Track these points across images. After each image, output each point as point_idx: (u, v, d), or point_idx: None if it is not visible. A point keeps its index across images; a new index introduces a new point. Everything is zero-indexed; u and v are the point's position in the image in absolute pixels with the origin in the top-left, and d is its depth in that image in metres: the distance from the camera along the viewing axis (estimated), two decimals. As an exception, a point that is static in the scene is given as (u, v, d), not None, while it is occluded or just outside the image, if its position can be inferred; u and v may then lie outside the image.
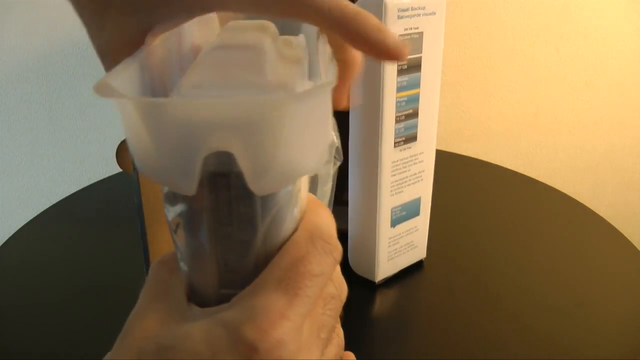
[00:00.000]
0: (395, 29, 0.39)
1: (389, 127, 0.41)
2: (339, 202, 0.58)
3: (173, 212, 0.22)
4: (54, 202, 0.61)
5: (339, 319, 0.22)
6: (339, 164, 0.34)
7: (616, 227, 0.55)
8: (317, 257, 0.21)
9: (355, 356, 0.25)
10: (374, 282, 0.46)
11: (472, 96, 0.83)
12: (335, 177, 0.33)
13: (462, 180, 0.67)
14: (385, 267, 0.46)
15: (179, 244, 0.22)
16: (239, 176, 0.19)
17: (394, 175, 0.43)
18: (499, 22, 0.79)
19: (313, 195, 0.23)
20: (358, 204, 0.45)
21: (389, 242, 0.45)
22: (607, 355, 0.39)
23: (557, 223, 0.57)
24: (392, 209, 0.44)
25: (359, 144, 0.43)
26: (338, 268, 0.22)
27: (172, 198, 0.21)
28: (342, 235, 0.48)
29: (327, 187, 0.32)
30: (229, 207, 0.20)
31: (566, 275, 0.47)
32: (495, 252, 0.51)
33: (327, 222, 0.22)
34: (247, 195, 0.20)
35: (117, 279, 0.47)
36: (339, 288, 0.22)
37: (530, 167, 0.87)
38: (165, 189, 0.22)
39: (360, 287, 0.46)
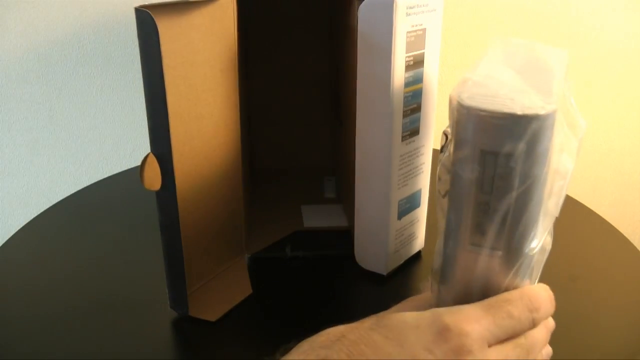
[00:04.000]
0: (403, 25, 0.39)
1: (397, 122, 0.42)
2: (321, 201, 0.59)
3: (445, 177, 0.29)
4: (54, 202, 0.61)
5: None
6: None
7: (616, 227, 0.55)
8: (520, 307, 0.28)
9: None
10: (383, 275, 0.47)
11: (472, 96, 0.83)
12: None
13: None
14: (392, 259, 0.47)
15: (443, 206, 0.29)
16: (507, 157, 0.26)
17: (401, 168, 0.44)
18: (498, 21, 0.79)
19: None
20: (367, 199, 0.45)
21: (396, 235, 0.46)
22: (607, 355, 0.39)
23: (556, 223, 0.56)
24: (399, 202, 0.45)
25: (367, 139, 0.43)
26: (540, 333, 0.30)
27: (448, 166, 0.28)
28: (332, 233, 0.48)
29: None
30: (492, 179, 0.27)
31: (565, 275, 0.47)
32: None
33: (545, 293, 0.30)
34: (509, 173, 0.26)
35: (117, 278, 0.47)
36: (529, 345, 0.29)
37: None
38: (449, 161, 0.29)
39: (368, 280, 0.47)
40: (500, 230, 0.27)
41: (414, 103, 0.43)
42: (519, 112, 0.25)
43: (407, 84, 0.42)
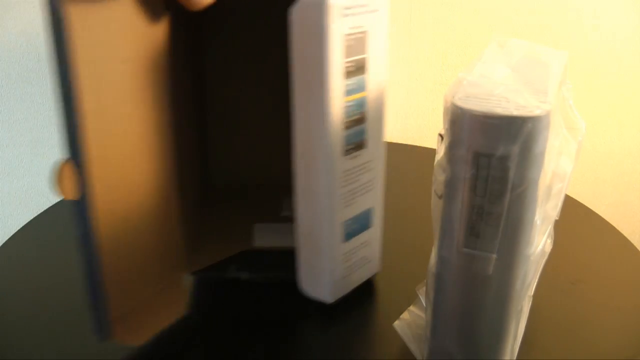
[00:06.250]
0: (339, 28, 0.36)
1: (338, 135, 0.38)
2: (276, 219, 0.54)
3: (440, 179, 0.28)
4: (54, 202, 0.61)
5: None
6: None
7: (616, 227, 0.55)
8: None
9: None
10: (328, 303, 0.43)
11: (472, 96, 0.83)
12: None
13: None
14: (339, 285, 0.43)
15: (439, 207, 0.29)
16: (501, 159, 0.25)
17: (345, 186, 0.40)
18: (498, 22, 0.79)
19: None
20: (307, 220, 0.41)
21: (342, 259, 0.42)
22: (607, 356, 0.39)
23: (556, 223, 0.57)
24: (344, 222, 0.41)
25: (306, 154, 0.39)
26: None
27: (443, 167, 0.28)
28: (282, 254, 0.46)
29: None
30: (486, 182, 0.26)
31: (565, 276, 0.47)
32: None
33: None
34: (503, 176, 0.26)
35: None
36: None
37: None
38: (443, 158, 0.28)
39: (313, 308, 0.43)
40: (494, 233, 0.27)
41: (357, 113, 0.39)
42: (514, 112, 0.25)
43: (348, 92, 0.38)
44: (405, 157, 0.74)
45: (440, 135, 0.30)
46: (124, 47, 0.36)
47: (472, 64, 0.32)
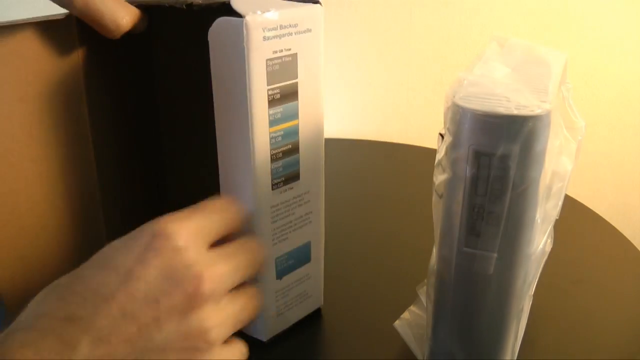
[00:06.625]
0: (260, 52, 0.32)
1: (263, 168, 0.35)
2: None
3: (440, 179, 0.28)
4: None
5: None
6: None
7: (616, 227, 0.55)
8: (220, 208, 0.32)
9: None
10: (263, 341, 0.40)
11: (472, 96, 0.83)
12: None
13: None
14: (275, 323, 0.40)
15: (439, 207, 0.29)
16: (502, 159, 0.25)
17: (276, 221, 0.37)
18: (498, 21, 0.79)
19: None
20: None
21: (276, 296, 0.40)
22: (607, 356, 0.39)
23: (556, 223, 0.57)
24: (276, 259, 0.38)
25: (230, 190, 0.37)
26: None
27: (444, 167, 0.27)
28: None
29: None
30: (486, 181, 0.26)
31: (566, 276, 0.47)
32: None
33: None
34: (504, 175, 0.26)
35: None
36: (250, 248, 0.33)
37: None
38: (441, 158, 0.28)
39: (250, 346, 0.39)
40: (495, 233, 0.27)
41: (287, 144, 0.36)
42: (514, 111, 0.25)
43: (275, 122, 0.34)
44: (405, 157, 0.74)
45: (441, 135, 0.30)
46: (24, 86, 0.33)
47: (472, 63, 0.32)
